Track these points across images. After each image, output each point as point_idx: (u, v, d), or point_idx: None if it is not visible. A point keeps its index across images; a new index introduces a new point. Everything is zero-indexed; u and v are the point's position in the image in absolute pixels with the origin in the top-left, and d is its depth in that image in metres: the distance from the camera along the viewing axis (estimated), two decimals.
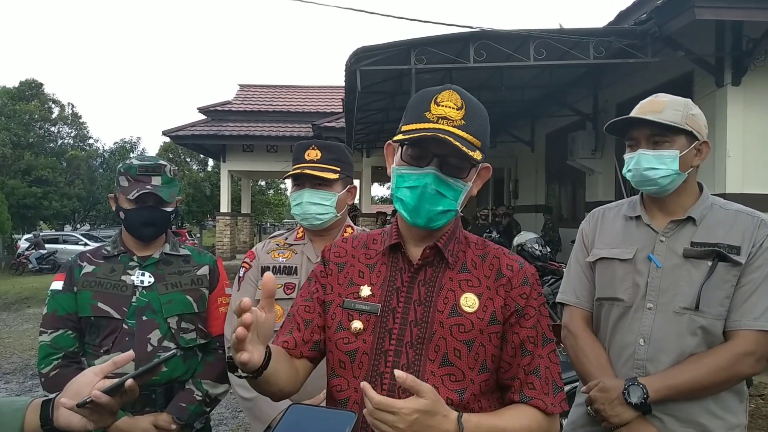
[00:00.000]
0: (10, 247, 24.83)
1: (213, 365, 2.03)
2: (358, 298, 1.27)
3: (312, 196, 1.92)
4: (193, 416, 1.95)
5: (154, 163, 2.00)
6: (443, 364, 1.19)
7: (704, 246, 1.63)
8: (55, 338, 1.92)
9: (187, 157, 34.42)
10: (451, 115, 1.18)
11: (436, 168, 1.19)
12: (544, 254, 7.87)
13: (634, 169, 1.69)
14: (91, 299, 1.92)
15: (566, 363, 3.63)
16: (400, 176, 1.23)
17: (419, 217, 1.22)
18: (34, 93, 31.67)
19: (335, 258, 1.36)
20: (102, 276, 1.97)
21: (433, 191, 1.19)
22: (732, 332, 1.60)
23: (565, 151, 9.95)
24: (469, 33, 6.70)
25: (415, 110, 1.22)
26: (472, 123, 1.20)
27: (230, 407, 5.16)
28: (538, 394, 1.21)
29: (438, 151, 1.19)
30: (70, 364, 1.91)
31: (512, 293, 1.24)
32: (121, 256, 2.02)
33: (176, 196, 2.05)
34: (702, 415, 1.60)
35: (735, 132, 6.24)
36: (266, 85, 21.63)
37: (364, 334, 1.24)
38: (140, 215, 1.96)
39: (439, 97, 1.20)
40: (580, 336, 1.78)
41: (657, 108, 1.66)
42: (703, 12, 5.54)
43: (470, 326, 1.20)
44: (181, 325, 1.98)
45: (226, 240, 18.20)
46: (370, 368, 1.21)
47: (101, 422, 1.23)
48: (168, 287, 1.99)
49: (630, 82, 8.15)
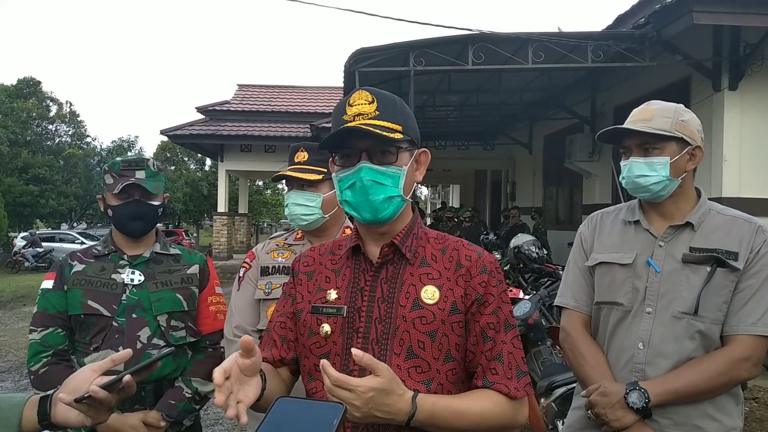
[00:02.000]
0: (6, 245, 24.76)
1: (203, 363, 2.04)
2: (325, 302, 1.31)
3: (297, 197, 1.96)
4: (183, 414, 1.96)
5: (137, 158, 2.03)
6: (408, 357, 1.23)
7: (703, 251, 1.64)
8: (44, 336, 1.93)
9: (184, 156, 34.38)
10: (364, 110, 1.26)
11: (366, 161, 1.25)
12: (541, 256, 7.88)
13: (627, 177, 1.73)
14: (82, 297, 1.94)
15: (561, 365, 3.66)
16: (339, 180, 1.29)
17: (366, 211, 1.26)
18: (32, 91, 31.57)
19: (304, 268, 1.41)
20: (92, 274, 1.98)
21: (369, 182, 1.24)
22: (729, 337, 1.61)
23: (562, 153, 9.98)
24: (467, 35, 6.72)
25: (334, 119, 1.30)
26: (387, 111, 1.27)
27: None
28: (500, 378, 1.24)
29: (362, 146, 1.25)
30: (60, 361, 1.93)
31: (472, 282, 1.27)
32: (112, 255, 2.03)
33: (162, 190, 2.06)
34: (699, 418, 1.61)
35: (732, 136, 6.27)
36: (265, 85, 21.60)
37: (333, 336, 1.27)
38: (127, 210, 1.97)
39: (351, 99, 1.28)
40: (579, 339, 1.79)
41: (647, 116, 1.69)
42: (701, 17, 5.56)
43: (432, 317, 1.24)
44: (170, 323, 1.99)
45: (223, 240, 18.17)
46: (341, 368, 1.24)
47: (98, 418, 1.24)
48: (158, 285, 2.01)
49: (628, 85, 8.18)
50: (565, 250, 8.19)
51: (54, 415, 1.22)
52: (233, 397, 1.07)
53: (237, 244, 20.19)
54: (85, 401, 1.19)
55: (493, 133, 13.44)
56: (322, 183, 1.96)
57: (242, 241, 20.88)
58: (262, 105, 18.77)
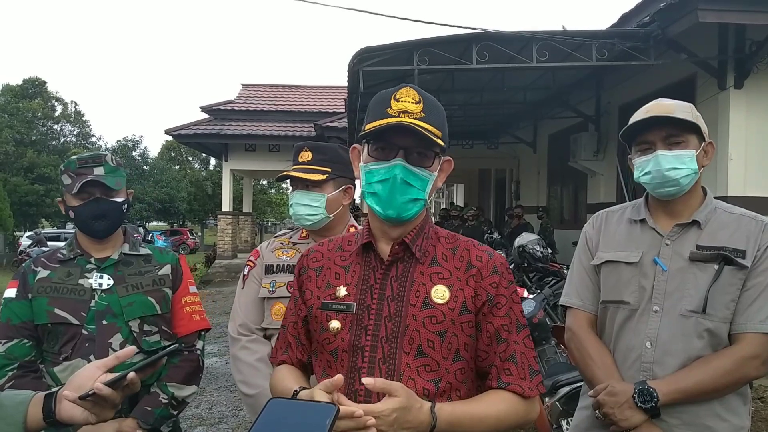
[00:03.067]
0: (12, 244, 24.86)
1: (179, 367, 1.95)
2: (335, 299, 1.32)
3: (301, 197, 1.96)
4: (159, 420, 1.88)
5: (94, 154, 1.93)
6: (418, 356, 1.24)
7: (710, 249, 1.63)
8: (9, 348, 1.83)
9: (189, 155, 34.47)
10: (410, 109, 1.25)
11: (402, 159, 1.24)
12: (545, 255, 7.87)
13: (655, 171, 1.66)
14: (48, 305, 1.84)
15: (566, 364, 3.65)
16: (369, 172, 1.29)
17: (391, 208, 1.26)
18: (38, 91, 31.74)
19: (313, 263, 1.41)
20: (58, 281, 1.88)
21: (402, 182, 1.25)
22: (737, 335, 1.60)
23: (567, 152, 9.95)
24: (471, 34, 6.70)
25: (376, 109, 1.28)
26: (431, 115, 1.26)
27: (230, 405, 5.17)
28: (515, 379, 1.27)
29: (402, 143, 1.25)
30: (26, 374, 1.83)
31: (482, 283, 1.29)
32: (78, 258, 1.93)
33: (123, 185, 1.95)
34: (708, 417, 1.60)
35: (737, 135, 6.23)
36: (269, 84, 21.62)
37: (342, 332, 1.28)
38: (88, 209, 1.87)
39: (397, 94, 1.27)
40: (585, 339, 1.78)
41: (668, 110, 1.66)
42: (706, 15, 5.53)
43: (442, 317, 1.25)
44: (143, 327, 1.91)
45: (227, 239, 18.22)
46: (349, 365, 1.26)
47: (103, 415, 1.25)
48: (128, 289, 1.91)
49: (632, 84, 8.15)
50: (569, 249, 8.17)
51: (59, 412, 1.23)
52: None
53: (241, 244, 20.21)
54: (89, 398, 1.20)
55: (498, 132, 13.41)
56: (326, 183, 1.96)
57: (246, 241, 20.91)
58: (267, 104, 18.79)
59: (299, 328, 1.40)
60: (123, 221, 1.99)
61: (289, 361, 1.41)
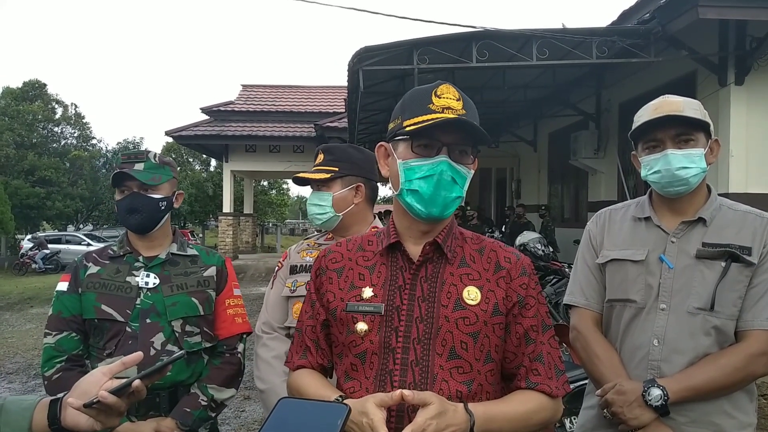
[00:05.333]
0: (13, 247, 24.87)
1: (219, 369, 1.98)
2: (360, 300, 1.29)
3: (313, 197, 2.03)
4: (198, 422, 1.89)
5: (137, 150, 1.97)
6: (451, 357, 1.23)
7: (716, 247, 1.62)
8: (59, 340, 1.88)
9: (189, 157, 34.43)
10: (453, 105, 1.24)
11: (445, 155, 1.23)
12: (547, 254, 7.87)
13: (664, 170, 1.65)
14: (95, 301, 1.88)
15: (569, 363, 3.64)
16: (411, 169, 1.25)
17: (435, 206, 1.25)
18: (38, 93, 31.71)
19: (332, 264, 1.37)
20: (107, 277, 1.92)
21: (449, 178, 1.23)
22: (744, 332, 1.60)
23: (567, 150, 9.95)
24: (471, 33, 6.69)
25: (415, 105, 1.25)
26: (471, 112, 1.26)
27: (232, 407, 5.16)
28: (543, 379, 1.27)
29: (446, 140, 1.23)
30: (73, 367, 1.87)
31: (512, 284, 1.29)
32: (127, 256, 1.97)
33: (163, 181, 1.96)
34: (716, 414, 1.60)
35: (738, 132, 6.23)
36: (269, 85, 21.64)
37: (370, 334, 1.26)
38: (124, 203, 1.92)
39: (438, 90, 1.25)
40: (592, 338, 1.77)
41: (677, 108, 1.64)
42: (707, 11, 5.53)
43: (475, 318, 1.24)
44: (185, 328, 1.92)
45: (228, 240, 18.21)
46: (379, 367, 1.24)
47: (108, 423, 1.22)
48: (173, 289, 1.94)
49: (633, 81, 8.14)
50: (570, 248, 8.17)
51: (64, 419, 1.21)
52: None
53: (242, 245, 20.24)
54: (94, 406, 1.18)
55: (498, 131, 13.40)
56: (332, 182, 1.98)
57: (247, 242, 20.93)
58: (267, 105, 18.81)
59: (318, 332, 1.36)
60: (161, 218, 1.97)
61: (309, 366, 1.37)
